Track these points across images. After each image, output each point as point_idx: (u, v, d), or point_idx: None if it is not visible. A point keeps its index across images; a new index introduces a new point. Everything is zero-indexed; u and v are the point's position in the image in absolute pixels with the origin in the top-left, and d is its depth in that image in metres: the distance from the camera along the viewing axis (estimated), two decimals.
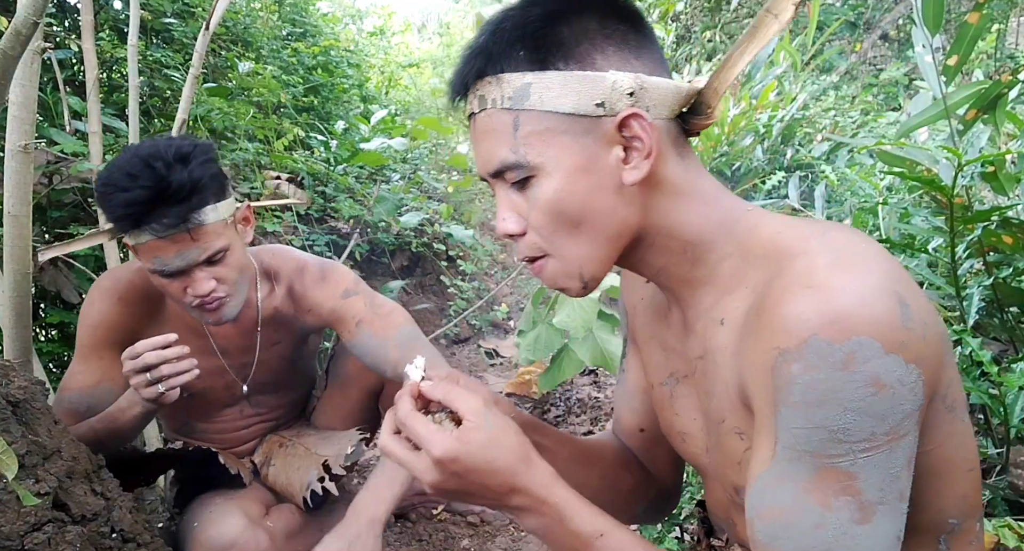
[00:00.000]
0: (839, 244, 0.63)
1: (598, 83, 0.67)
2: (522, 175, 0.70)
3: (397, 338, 1.48)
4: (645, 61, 0.70)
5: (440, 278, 3.72)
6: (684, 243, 0.73)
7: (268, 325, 1.55)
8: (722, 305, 0.71)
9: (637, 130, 0.68)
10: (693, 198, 0.73)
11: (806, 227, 0.67)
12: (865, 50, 6.55)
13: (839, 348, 0.56)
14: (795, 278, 0.61)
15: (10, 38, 1.20)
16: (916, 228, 1.55)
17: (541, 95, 0.68)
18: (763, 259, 0.68)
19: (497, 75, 0.70)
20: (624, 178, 0.69)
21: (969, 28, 1.22)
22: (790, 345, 0.59)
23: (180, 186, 1.21)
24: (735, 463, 0.73)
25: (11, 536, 0.95)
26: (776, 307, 0.61)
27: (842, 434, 0.58)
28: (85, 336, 1.41)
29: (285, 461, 1.63)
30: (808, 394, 0.58)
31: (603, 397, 2.78)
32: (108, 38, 2.67)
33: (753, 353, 0.64)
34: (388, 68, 5.93)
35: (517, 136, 0.69)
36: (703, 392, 0.77)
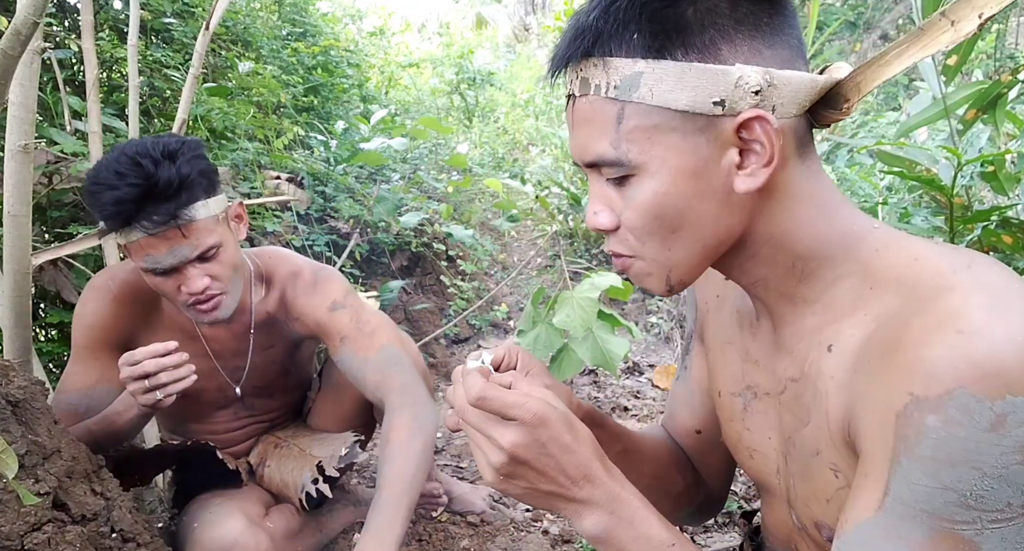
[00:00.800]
0: (991, 281, 0.55)
1: (721, 78, 0.59)
2: (621, 172, 0.64)
3: (377, 361, 1.46)
4: (779, 50, 0.62)
5: (440, 278, 3.72)
6: (795, 257, 0.66)
7: (261, 329, 1.54)
8: (833, 330, 0.64)
9: (759, 134, 0.60)
10: (811, 207, 0.65)
11: (948, 256, 0.59)
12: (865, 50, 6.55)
13: (989, 407, 0.50)
14: (943, 318, 0.53)
15: (10, 38, 1.20)
16: (916, 228, 1.55)
17: (652, 87, 0.60)
18: (894, 287, 0.60)
19: (605, 58, 0.62)
20: (736, 185, 0.62)
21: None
22: (930, 394, 0.52)
23: (168, 182, 1.21)
24: (824, 499, 0.68)
25: (11, 536, 0.95)
26: (917, 348, 0.53)
27: (974, 500, 0.51)
28: (80, 336, 1.41)
29: (280, 462, 1.63)
30: (942, 451, 0.51)
31: (603, 397, 2.78)
32: (108, 38, 2.67)
33: (874, 391, 0.57)
34: (388, 68, 5.93)
35: (620, 130, 0.62)
36: (790, 415, 0.71)
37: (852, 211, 0.66)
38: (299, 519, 1.60)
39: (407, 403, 1.40)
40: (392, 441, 1.35)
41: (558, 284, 3.81)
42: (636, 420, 2.55)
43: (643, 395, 2.81)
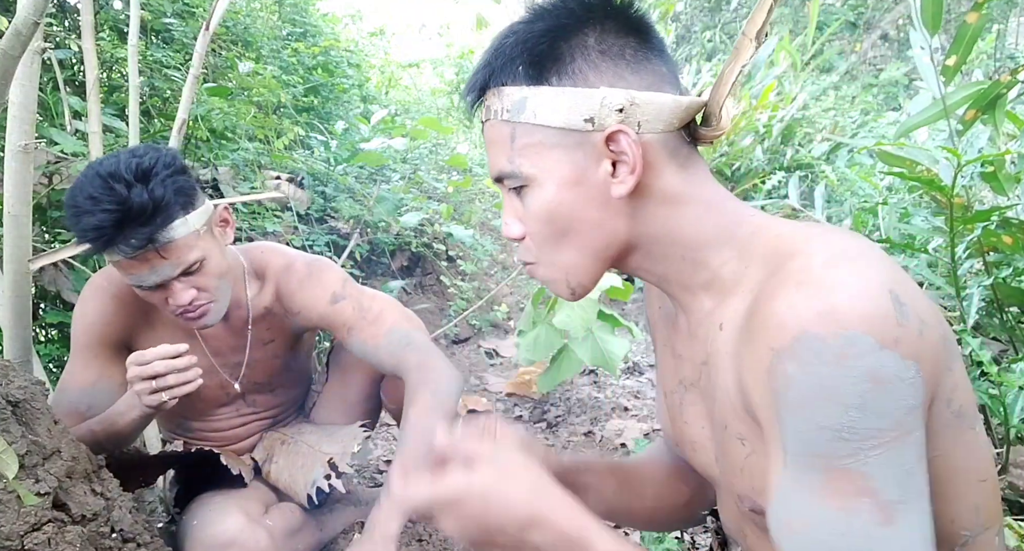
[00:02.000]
0: (837, 245, 0.62)
1: (588, 99, 0.69)
2: (517, 183, 0.74)
3: (388, 345, 1.47)
4: (643, 76, 0.71)
5: (440, 278, 3.72)
6: (683, 248, 0.73)
7: (259, 324, 1.54)
8: (722, 309, 0.71)
9: (623, 145, 0.69)
10: (692, 206, 0.73)
11: (808, 230, 0.67)
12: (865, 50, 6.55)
13: (831, 344, 0.55)
14: (788, 275, 0.61)
15: (10, 38, 1.20)
16: (916, 228, 1.55)
17: (535, 109, 0.70)
18: (762, 260, 0.67)
19: (499, 88, 0.73)
20: (612, 191, 0.71)
21: (968, 28, 1.22)
22: (783, 344, 0.58)
23: (142, 208, 1.19)
24: (738, 470, 0.72)
25: (11, 536, 0.95)
26: (767, 304, 0.60)
27: (847, 433, 0.56)
28: (80, 335, 1.41)
29: (288, 459, 1.62)
30: (806, 393, 0.57)
31: (603, 397, 2.78)
32: (108, 38, 2.67)
33: (751, 355, 0.63)
34: (388, 68, 5.93)
35: (514, 147, 0.72)
36: (709, 398, 0.76)
37: (736, 205, 0.74)
38: (299, 518, 1.60)
39: (425, 380, 1.41)
40: (410, 419, 1.37)
41: None
42: (636, 420, 2.55)
43: (643, 395, 2.81)
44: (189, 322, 1.35)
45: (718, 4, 7.25)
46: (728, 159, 3.87)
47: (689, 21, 7.51)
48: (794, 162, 3.79)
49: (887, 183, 2.34)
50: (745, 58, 0.71)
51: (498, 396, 2.86)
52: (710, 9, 7.36)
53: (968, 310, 1.34)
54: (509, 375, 3.07)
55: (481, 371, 3.16)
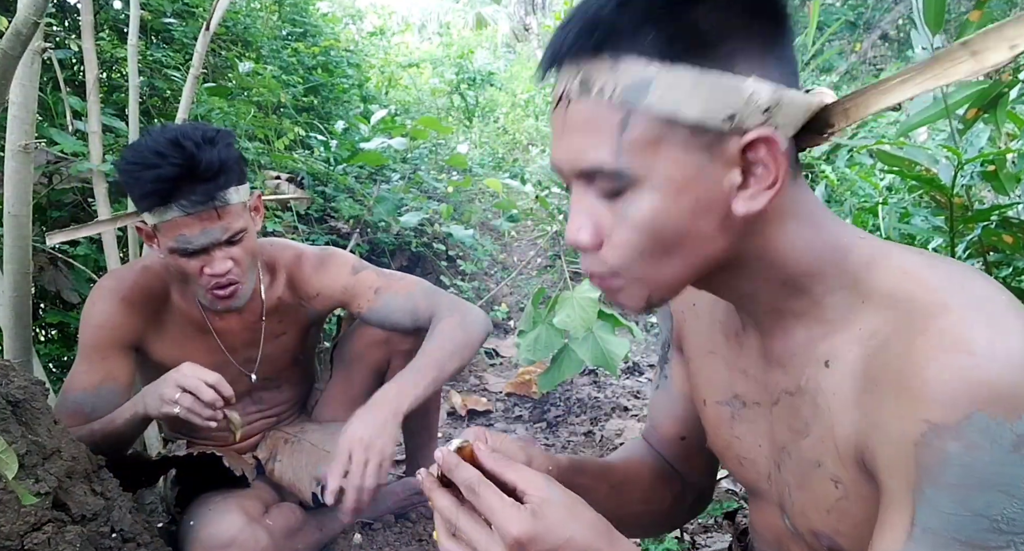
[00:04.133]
0: (983, 297, 0.55)
1: (734, 92, 0.56)
2: (618, 185, 0.59)
3: (421, 291, 1.56)
4: (784, 69, 0.59)
5: (440, 278, 3.72)
6: (785, 272, 0.64)
7: (272, 316, 1.57)
8: (827, 345, 0.63)
9: (764, 156, 0.57)
10: (800, 224, 0.63)
11: (937, 270, 0.59)
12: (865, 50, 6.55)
13: (1010, 428, 0.50)
14: (945, 340, 0.53)
15: (10, 38, 1.20)
16: (916, 228, 1.55)
17: (663, 94, 0.56)
18: (887, 302, 0.59)
19: (617, 56, 0.56)
20: (735, 207, 0.59)
21: (971, 26, 1.22)
22: (947, 421, 0.51)
23: (209, 164, 1.26)
24: (824, 509, 0.67)
25: (11, 536, 0.95)
26: (924, 372, 0.53)
27: (1006, 524, 0.51)
28: (88, 336, 1.41)
29: (292, 457, 1.63)
30: (967, 478, 0.51)
31: (603, 397, 2.78)
32: (108, 38, 2.67)
33: (886, 418, 0.56)
34: (388, 68, 5.93)
35: (623, 139, 0.57)
36: (784, 425, 0.71)
37: (838, 224, 0.65)
38: (299, 517, 1.60)
39: (457, 311, 1.50)
40: (435, 329, 1.45)
41: (558, 284, 3.81)
42: (636, 420, 2.55)
43: (643, 395, 2.81)
44: (217, 300, 1.38)
45: None
46: None
47: None
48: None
49: (887, 183, 2.34)
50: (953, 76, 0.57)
51: (498, 396, 2.86)
52: None
53: None
54: (509, 375, 3.07)
55: (481, 371, 3.16)
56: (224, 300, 1.38)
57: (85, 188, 2.21)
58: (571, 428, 2.53)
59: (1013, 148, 1.32)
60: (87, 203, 2.26)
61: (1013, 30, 0.54)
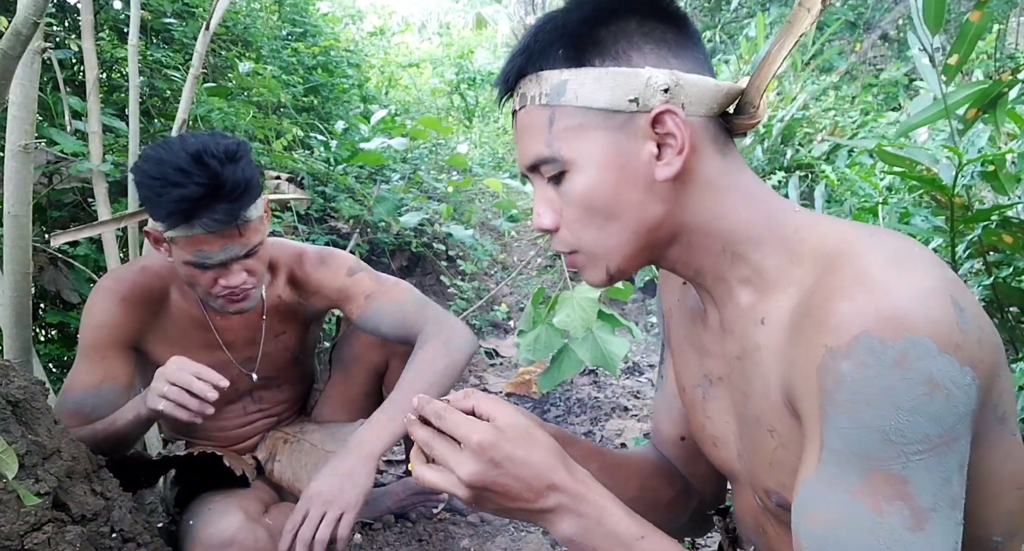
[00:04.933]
0: (891, 246, 0.62)
1: (632, 79, 0.68)
2: (556, 169, 0.71)
3: (411, 301, 1.56)
4: (684, 60, 0.70)
5: (440, 278, 3.72)
6: (723, 241, 0.72)
7: (272, 315, 1.57)
8: (764, 304, 0.70)
9: (671, 126, 0.68)
10: (733, 195, 0.71)
11: (855, 228, 0.66)
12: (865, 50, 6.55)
13: (892, 346, 0.55)
14: (847, 276, 0.60)
15: (10, 38, 1.20)
16: (916, 228, 1.55)
17: (576, 91, 0.69)
18: (811, 258, 0.66)
19: (537, 73, 0.71)
20: (656, 174, 0.69)
21: (971, 26, 1.22)
22: (840, 343, 0.57)
23: (235, 185, 1.26)
24: (766, 463, 0.72)
25: (11, 536, 0.95)
26: (826, 303, 0.59)
27: (894, 435, 0.56)
28: (88, 336, 1.41)
29: (292, 457, 1.63)
30: (858, 393, 0.56)
31: (603, 397, 2.78)
32: (108, 38, 2.67)
33: (801, 352, 0.62)
34: (388, 68, 5.93)
35: (552, 131, 0.70)
36: (739, 393, 0.75)
37: (776, 198, 0.73)
38: None
39: (442, 332, 1.48)
40: (417, 357, 1.44)
41: (558, 284, 3.81)
42: (636, 420, 2.55)
43: (643, 395, 2.81)
44: (229, 305, 1.38)
45: (718, 4, 7.25)
46: None
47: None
48: (794, 162, 3.79)
49: (887, 183, 2.34)
50: (801, 30, 0.68)
51: (498, 396, 2.86)
52: (710, 9, 7.37)
53: None
54: (509, 375, 3.07)
55: (481, 371, 3.16)
56: (236, 303, 1.38)
57: (85, 188, 2.21)
58: (571, 428, 2.52)
59: (1013, 148, 1.32)
60: (87, 203, 2.26)
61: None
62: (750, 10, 6.78)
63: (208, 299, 1.39)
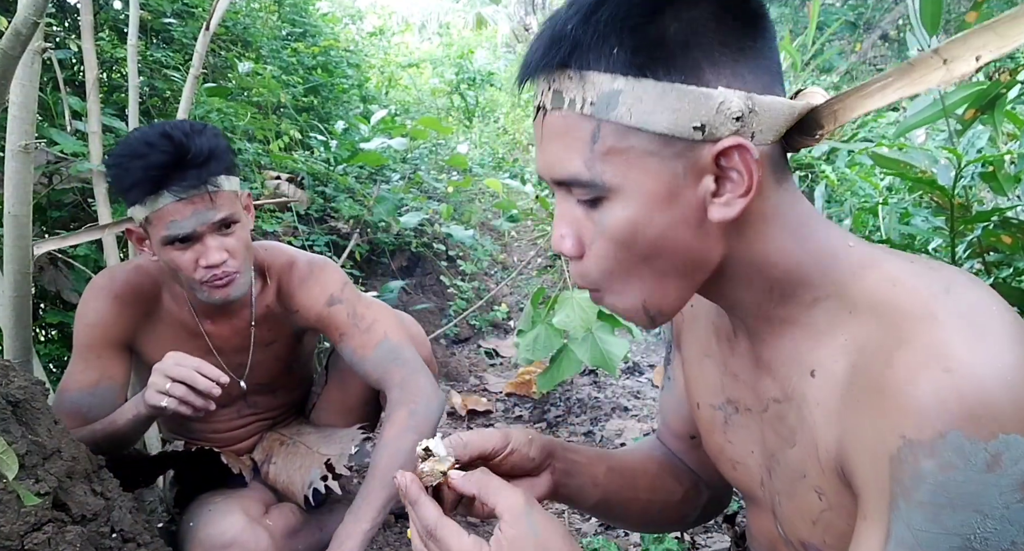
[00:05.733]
0: (971, 307, 0.54)
1: (703, 102, 0.57)
2: (593, 194, 0.61)
3: (375, 359, 1.49)
4: (760, 75, 0.59)
5: (440, 278, 3.72)
6: (772, 280, 0.64)
7: (262, 324, 1.55)
8: (814, 355, 0.63)
9: (737, 163, 0.58)
10: (786, 229, 0.63)
11: (926, 279, 0.58)
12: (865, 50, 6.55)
13: (984, 447, 0.49)
14: (927, 354, 0.52)
15: (10, 38, 1.20)
16: (916, 228, 1.55)
17: (631, 106, 0.57)
18: (872, 312, 0.59)
19: (582, 71, 0.58)
20: (711, 214, 0.60)
21: (968, 27, 1.22)
22: (923, 437, 0.51)
23: (199, 150, 1.27)
24: (809, 520, 0.67)
25: (11, 536, 0.95)
26: (904, 386, 0.52)
27: (979, 543, 0.51)
28: (82, 335, 1.41)
29: (287, 459, 1.63)
30: (941, 496, 0.51)
31: (603, 397, 2.78)
32: (108, 38, 2.67)
33: (864, 430, 0.56)
34: (388, 68, 5.93)
35: (595, 149, 0.59)
36: (773, 433, 0.71)
37: (828, 231, 0.65)
38: (299, 518, 1.60)
39: (405, 400, 1.43)
40: (384, 437, 1.40)
41: (558, 284, 3.81)
42: (636, 420, 2.55)
43: (643, 395, 2.81)
44: (213, 291, 1.35)
45: None
46: None
47: None
48: (794, 162, 3.79)
49: (887, 183, 2.34)
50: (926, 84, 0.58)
51: (498, 396, 2.87)
52: None
53: None
54: (509, 375, 3.07)
55: (481, 371, 3.16)
56: (220, 290, 1.34)
57: (85, 188, 2.21)
58: (571, 428, 2.53)
59: (1012, 149, 1.32)
60: (87, 203, 2.26)
61: (978, 40, 0.55)
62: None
63: (196, 290, 1.36)
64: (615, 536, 1.76)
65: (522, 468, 0.80)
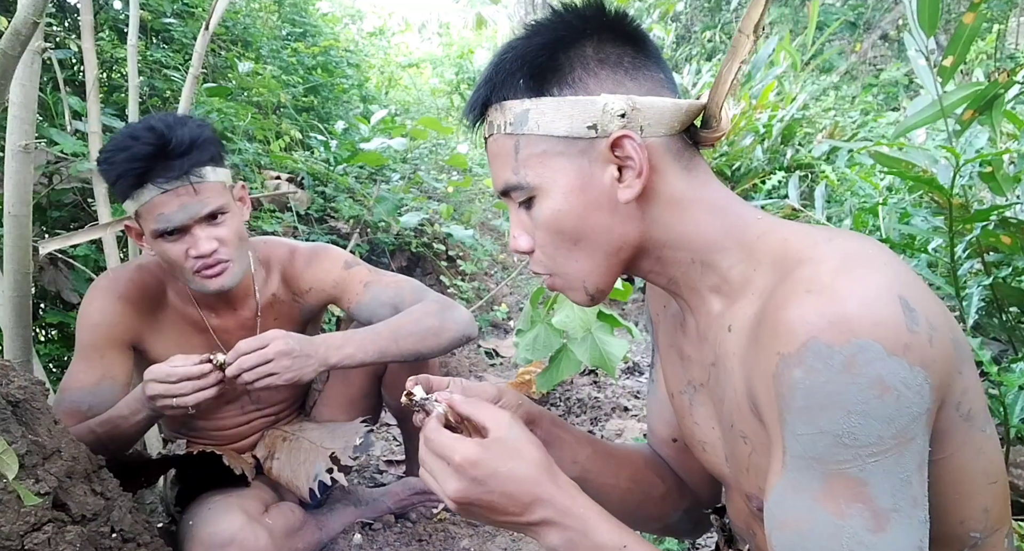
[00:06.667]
0: (846, 249, 0.63)
1: (590, 107, 0.70)
2: (525, 195, 0.74)
3: (410, 288, 1.56)
4: (641, 82, 0.73)
5: (440, 278, 3.72)
6: (691, 253, 0.74)
7: (267, 313, 1.57)
8: (731, 312, 0.72)
9: (628, 150, 0.70)
10: (698, 209, 0.73)
11: (815, 233, 0.68)
12: (865, 50, 6.55)
13: (840, 351, 0.56)
14: (798, 283, 0.61)
15: (10, 38, 1.20)
16: (916, 228, 1.55)
17: (538, 120, 0.71)
18: (770, 265, 0.68)
19: (500, 103, 0.74)
20: (618, 196, 0.72)
21: (965, 28, 1.22)
22: (791, 349, 0.58)
23: (181, 141, 1.28)
24: (744, 469, 0.73)
25: (11, 536, 0.95)
26: (777, 311, 0.61)
27: (848, 439, 0.57)
28: (85, 335, 1.41)
29: (290, 455, 1.62)
30: (810, 399, 0.57)
31: (603, 397, 2.78)
32: (108, 38, 2.67)
33: (758, 359, 0.64)
34: (388, 68, 5.93)
35: (518, 158, 0.73)
36: (717, 399, 0.77)
37: (741, 206, 0.75)
38: (299, 517, 1.60)
39: (443, 302, 1.51)
40: (411, 308, 1.46)
41: None
42: (636, 420, 2.55)
43: (643, 395, 2.81)
44: (206, 280, 1.36)
45: (718, 4, 7.26)
46: (728, 159, 3.87)
47: (689, 21, 7.52)
48: (794, 162, 3.79)
49: (887, 183, 2.34)
50: (743, 55, 0.71)
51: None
52: (710, 9, 7.37)
53: (968, 310, 1.34)
54: (509, 375, 3.07)
55: (481, 371, 3.16)
56: (213, 279, 1.36)
57: (85, 188, 2.21)
58: None
59: (1011, 149, 1.33)
60: (87, 203, 2.26)
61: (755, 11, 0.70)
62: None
63: (190, 282, 1.38)
64: None
65: None
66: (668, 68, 0.77)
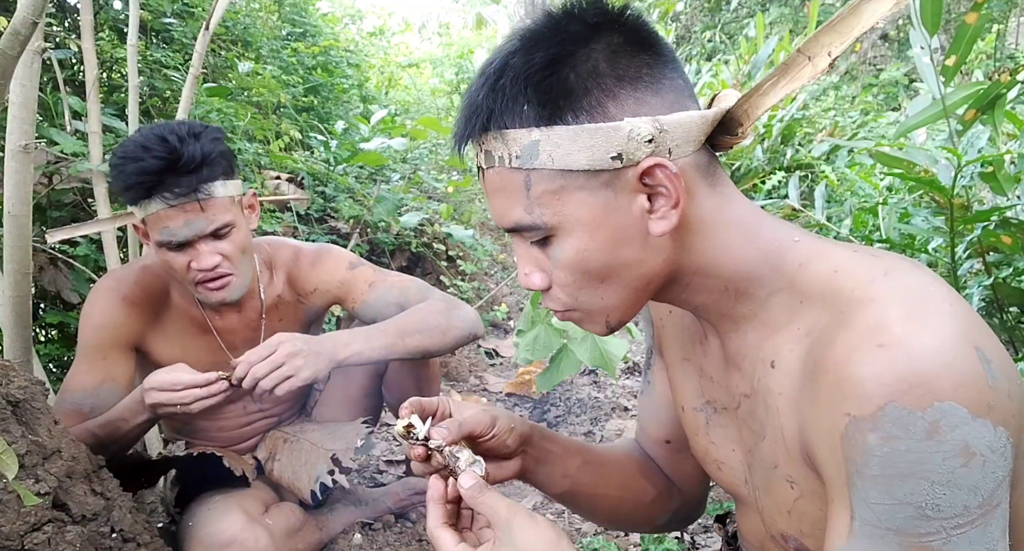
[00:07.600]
0: (907, 288, 0.57)
1: (613, 134, 0.61)
2: (540, 235, 0.66)
3: (413, 288, 1.56)
4: (664, 96, 0.64)
5: (440, 278, 3.72)
6: (725, 280, 0.68)
7: (272, 314, 1.57)
8: (772, 345, 0.66)
9: (661, 179, 0.62)
10: (728, 231, 0.67)
11: (866, 265, 0.61)
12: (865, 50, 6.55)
13: (922, 416, 0.51)
14: (864, 333, 0.55)
15: (10, 38, 1.20)
16: (916, 228, 1.55)
17: (551, 153, 0.62)
18: (820, 300, 0.62)
19: (501, 131, 0.64)
20: (651, 229, 0.64)
21: (967, 28, 1.22)
22: (864, 413, 0.53)
23: (191, 157, 1.27)
24: (785, 511, 0.70)
25: (11, 536, 0.95)
26: (845, 367, 0.55)
27: (931, 510, 0.52)
28: (88, 336, 1.41)
29: (291, 456, 1.62)
30: (889, 468, 0.53)
31: (603, 397, 2.78)
32: (108, 38, 2.67)
33: (818, 413, 0.59)
34: (388, 68, 5.93)
35: (530, 196, 0.64)
36: (747, 429, 0.73)
37: (772, 226, 0.68)
38: (299, 517, 1.60)
39: (449, 301, 1.51)
40: (418, 306, 1.46)
41: None
42: (636, 420, 2.55)
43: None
44: (208, 293, 1.37)
45: (718, 4, 7.26)
46: (728, 159, 3.87)
47: (689, 21, 7.52)
48: (794, 162, 3.79)
49: (887, 183, 2.34)
50: (800, 80, 0.63)
51: (498, 396, 2.86)
52: (710, 9, 7.37)
53: None
54: (509, 375, 3.07)
55: (481, 371, 3.16)
56: (215, 292, 1.37)
57: (85, 188, 2.21)
58: (571, 428, 2.53)
59: (1012, 149, 1.32)
60: (87, 203, 2.26)
61: (827, 38, 0.61)
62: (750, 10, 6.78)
63: (193, 290, 1.39)
64: (615, 536, 1.76)
65: (497, 452, 0.84)
66: (683, 69, 0.68)
